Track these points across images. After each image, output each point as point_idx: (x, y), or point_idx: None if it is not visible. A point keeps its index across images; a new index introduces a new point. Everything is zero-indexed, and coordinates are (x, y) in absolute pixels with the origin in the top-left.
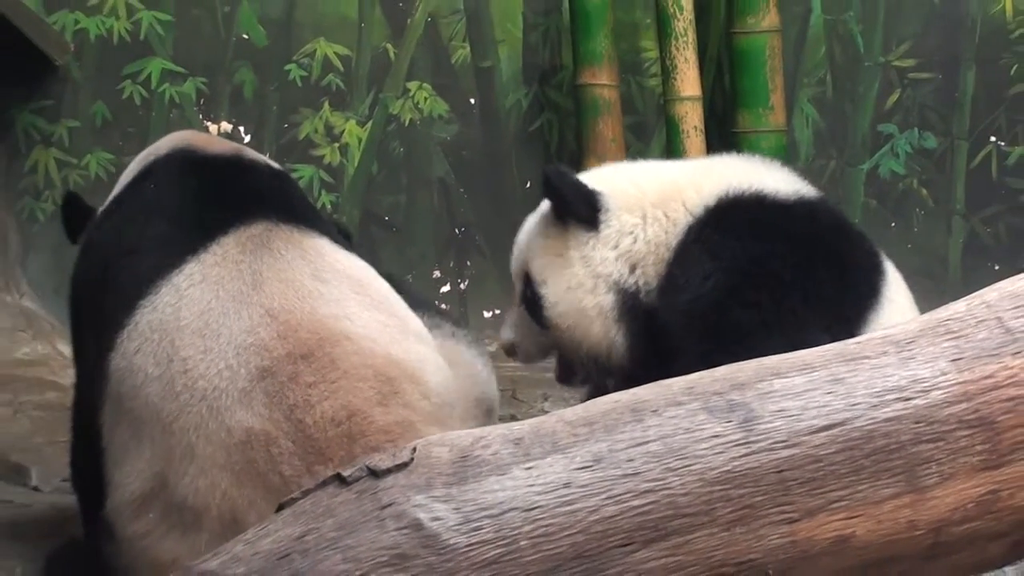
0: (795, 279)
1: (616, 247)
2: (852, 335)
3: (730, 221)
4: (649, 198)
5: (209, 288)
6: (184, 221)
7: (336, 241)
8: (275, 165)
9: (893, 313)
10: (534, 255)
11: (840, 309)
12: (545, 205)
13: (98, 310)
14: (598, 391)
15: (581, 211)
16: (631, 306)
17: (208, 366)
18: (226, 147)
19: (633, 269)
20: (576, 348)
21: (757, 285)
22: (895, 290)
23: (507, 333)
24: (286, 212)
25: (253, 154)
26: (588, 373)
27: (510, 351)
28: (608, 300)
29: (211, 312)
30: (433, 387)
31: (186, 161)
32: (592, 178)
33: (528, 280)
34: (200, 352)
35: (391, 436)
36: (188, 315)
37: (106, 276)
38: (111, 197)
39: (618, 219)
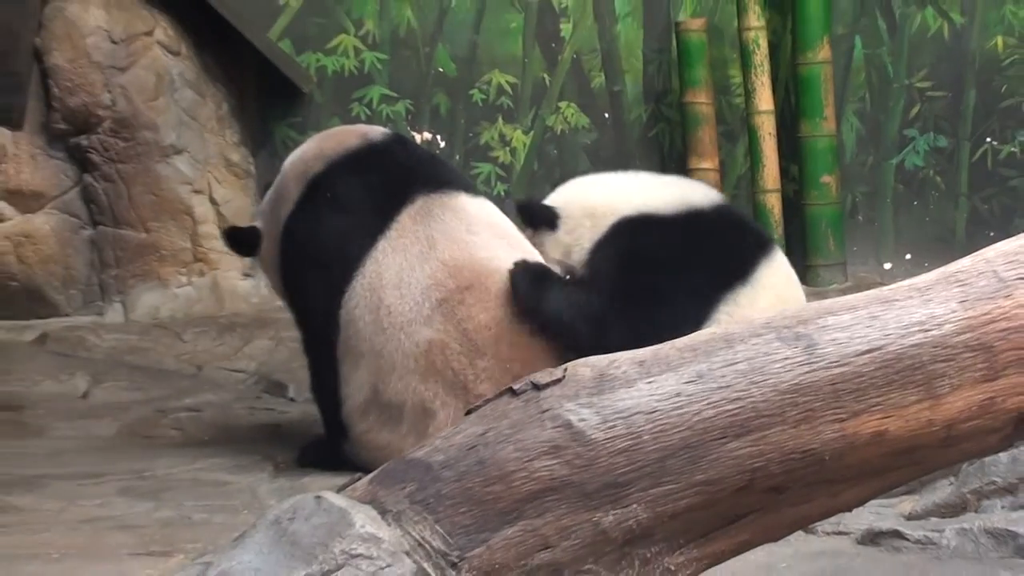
0: (647, 269)
1: (560, 240)
2: (706, 307)
3: (617, 237)
4: (584, 210)
5: (398, 254)
6: (368, 211)
7: (471, 191)
8: (402, 137)
9: (761, 292)
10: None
11: (692, 287)
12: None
13: (320, 281)
14: None
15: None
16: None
17: (403, 305)
18: (366, 141)
19: (568, 254)
20: None
21: (623, 271)
22: (771, 277)
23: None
24: (432, 182)
25: (384, 139)
26: None
27: None
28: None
29: (402, 270)
30: None
31: (350, 164)
32: (556, 195)
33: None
34: (397, 299)
35: (518, 340)
36: (387, 275)
37: (319, 258)
38: (300, 192)
39: (563, 224)
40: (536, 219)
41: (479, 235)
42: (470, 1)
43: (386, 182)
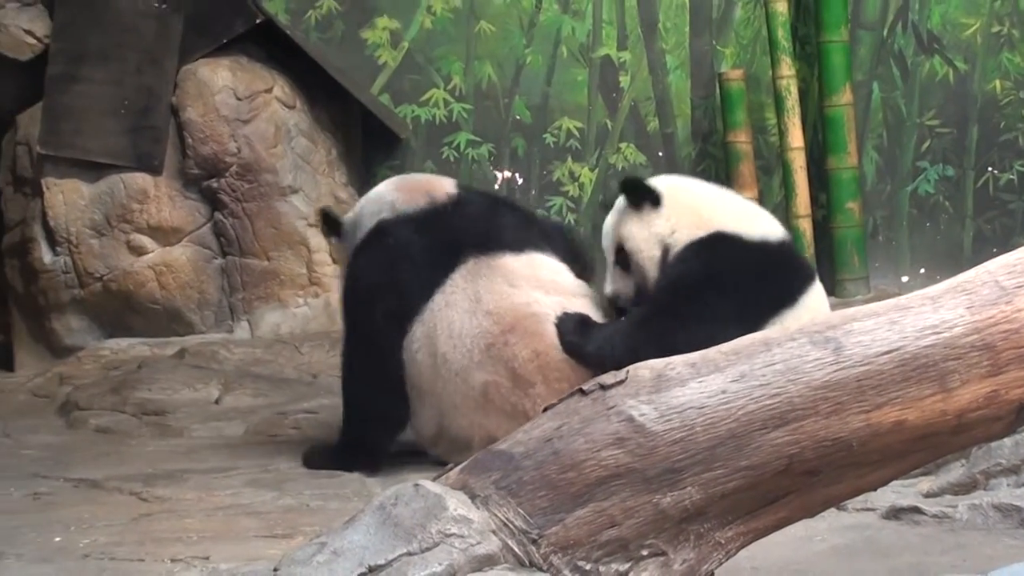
0: (721, 291)
1: (654, 225)
2: (760, 322)
3: (707, 246)
4: (690, 209)
5: (451, 309)
6: (427, 266)
7: (516, 248)
8: (463, 198)
9: (804, 313)
10: (619, 227)
11: (755, 304)
12: (621, 206)
13: (382, 314)
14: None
15: (651, 199)
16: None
17: (456, 354)
18: (432, 202)
19: (658, 243)
20: (643, 283)
21: (694, 288)
22: (812, 301)
23: (608, 286)
24: (483, 245)
25: (447, 201)
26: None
27: (612, 301)
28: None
29: (454, 322)
30: None
31: (415, 221)
32: (661, 182)
33: (619, 246)
34: (451, 348)
35: (560, 365)
36: (441, 325)
37: (378, 292)
38: (369, 230)
39: (664, 212)
40: (641, 197)
41: (519, 287)
42: (542, 58)
43: (444, 243)
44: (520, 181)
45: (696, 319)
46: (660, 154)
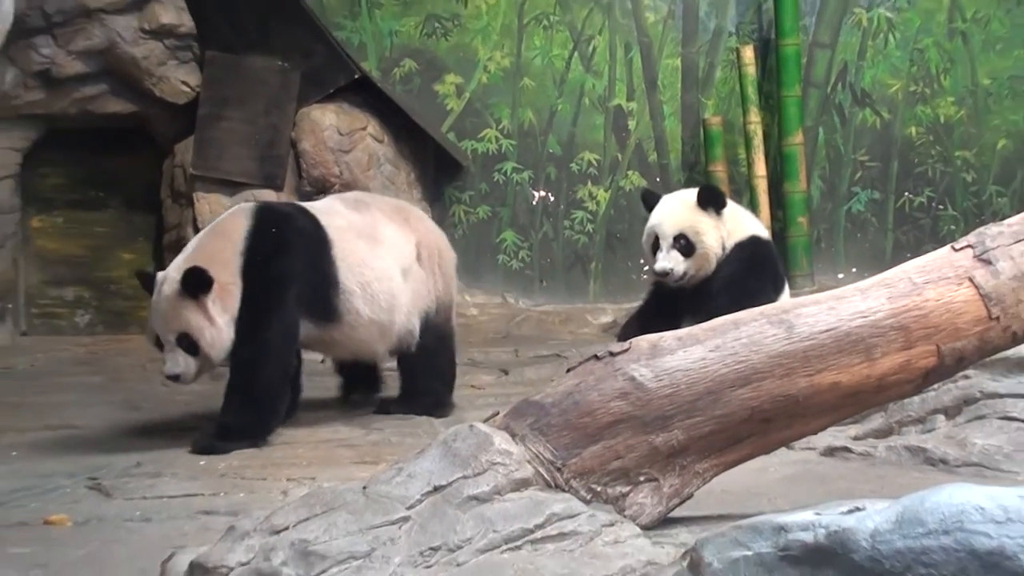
0: (764, 274)
1: (716, 227)
2: (776, 297)
3: (750, 244)
4: (738, 216)
5: None
6: None
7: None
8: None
9: (786, 294)
10: (691, 222)
11: (776, 282)
12: (690, 199)
13: None
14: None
15: (721, 206)
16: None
17: None
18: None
19: (718, 242)
20: (701, 267)
21: (752, 273)
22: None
23: (664, 263)
24: None
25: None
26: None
27: (663, 275)
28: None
29: None
30: None
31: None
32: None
33: (682, 235)
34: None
35: None
36: None
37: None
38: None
39: (728, 215)
40: (713, 202)
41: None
42: (570, 107)
43: None
44: (552, 199)
45: (758, 293)
46: (658, 179)
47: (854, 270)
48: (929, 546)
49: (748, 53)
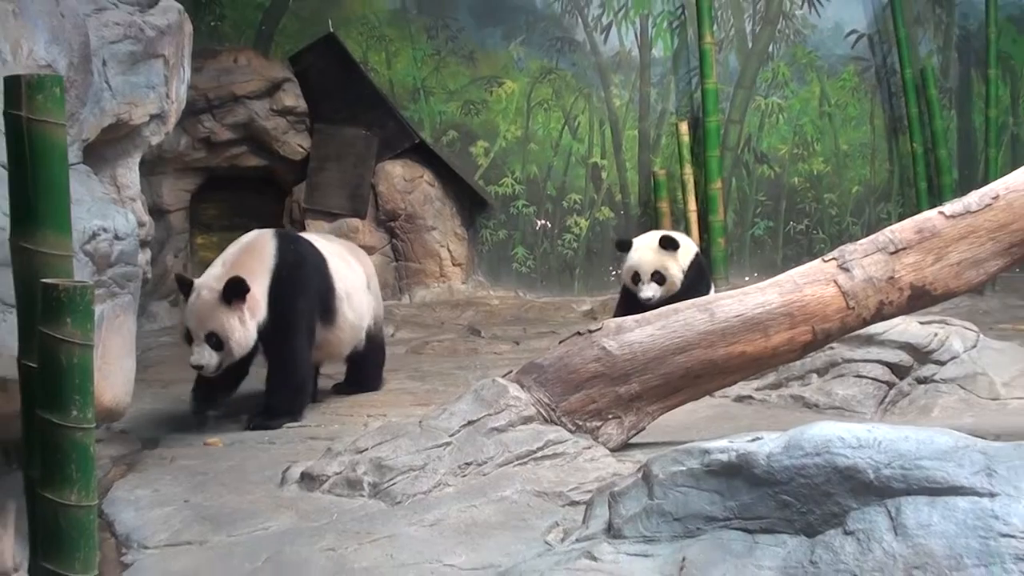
0: (703, 280)
1: (677, 258)
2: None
3: (695, 264)
4: (687, 246)
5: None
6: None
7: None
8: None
9: (714, 290)
10: (662, 261)
11: (707, 290)
12: (655, 243)
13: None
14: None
15: (676, 247)
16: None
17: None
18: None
19: (678, 267)
20: (669, 291)
21: (696, 286)
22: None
23: (647, 292)
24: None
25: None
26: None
27: (647, 301)
28: (680, 274)
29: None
30: None
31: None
32: (665, 235)
33: (656, 271)
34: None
35: None
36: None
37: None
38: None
39: (680, 252)
40: (671, 246)
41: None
42: (562, 163)
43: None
44: (549, 225)
45: (701, 292)
46: (622, 212)
47: (756, 275)
48: (806, 464)
49: (684, 127)
